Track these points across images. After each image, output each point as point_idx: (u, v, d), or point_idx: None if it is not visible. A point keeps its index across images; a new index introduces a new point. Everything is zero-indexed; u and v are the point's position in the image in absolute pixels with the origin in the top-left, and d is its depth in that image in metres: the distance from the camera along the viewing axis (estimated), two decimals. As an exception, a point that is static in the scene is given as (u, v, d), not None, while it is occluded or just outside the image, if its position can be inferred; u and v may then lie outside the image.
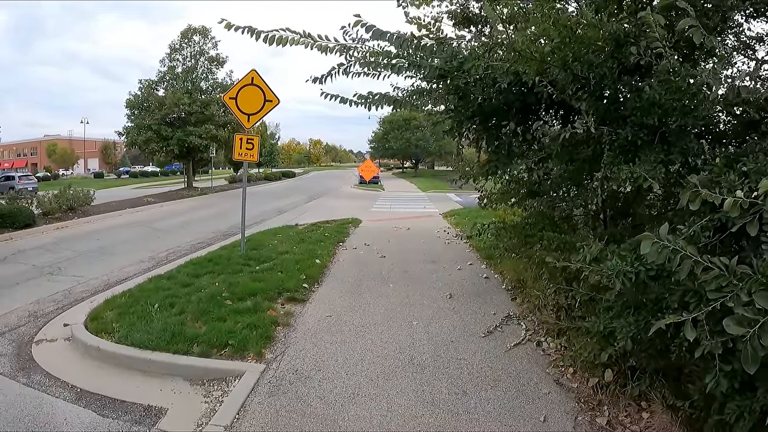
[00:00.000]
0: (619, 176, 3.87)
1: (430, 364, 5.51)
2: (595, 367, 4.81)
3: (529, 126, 5.84)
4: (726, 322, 2.57)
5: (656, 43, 3.36)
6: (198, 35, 36.41)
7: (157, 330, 6.04)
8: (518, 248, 7.57)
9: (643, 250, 2.87)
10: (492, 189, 7.67)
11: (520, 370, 5.35)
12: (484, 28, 6.88)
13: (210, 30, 36.68)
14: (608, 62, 4.31)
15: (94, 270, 10.56)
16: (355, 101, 5.80)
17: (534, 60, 4.28)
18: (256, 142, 10.82)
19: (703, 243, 3.12)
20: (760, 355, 2.47)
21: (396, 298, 7.93)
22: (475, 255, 11.51)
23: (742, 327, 2.50)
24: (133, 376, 5.39)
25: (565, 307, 6.14)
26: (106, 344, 5.90)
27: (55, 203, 18.89)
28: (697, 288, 2.92)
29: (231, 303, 7.19)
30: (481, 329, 6.52)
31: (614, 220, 6.11)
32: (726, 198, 2.79)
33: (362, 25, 4.72)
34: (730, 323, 2.55)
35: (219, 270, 9.29)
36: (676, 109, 3.84)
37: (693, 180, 2.99)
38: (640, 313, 3.67)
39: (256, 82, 10.47)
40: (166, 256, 12.33)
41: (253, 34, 4.80)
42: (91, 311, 7.08)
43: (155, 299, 7.33)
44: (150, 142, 33.70)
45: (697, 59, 4.44)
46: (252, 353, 5.64)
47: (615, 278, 3.31)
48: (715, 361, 2.84)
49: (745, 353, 2.50)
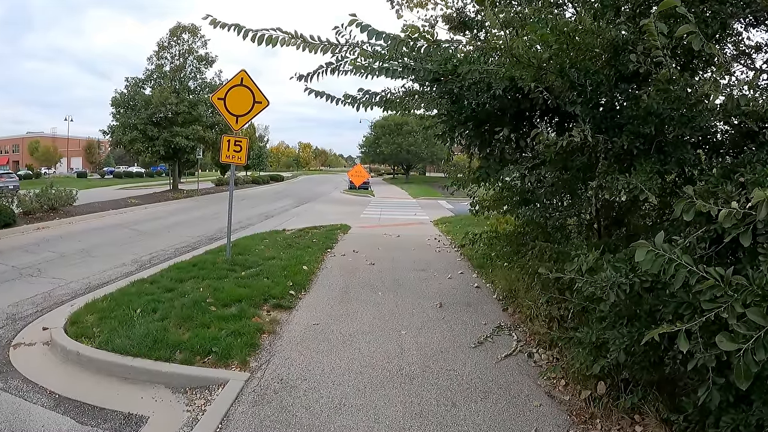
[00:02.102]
0: (615, 186, 3.89)
1: (418, 374, 5.49)
2: (588, 379, 4.81)
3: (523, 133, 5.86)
4: (719, 338, 2.58)
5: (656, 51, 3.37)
6: (187, 33, 36.34)
7: (139, 335, 5.99)
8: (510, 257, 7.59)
9: (638, 258, 2.87)
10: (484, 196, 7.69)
11: (510, 382, 5.35)
12: (480, 33, 6.91)
13: (200, 28, 36.68)
14: (605, 70, 4.34)
15: (75, 272, 10.47)
16: (344, 100, 5.79)
17: (531, 66, 4.31)
18: (245, 145, 10.77)
19: (699, 254, 3.14)
20: (753, 371, 2.47)
21: (385, 307, 7.91)
22: (466, 264, 11.53)
23: (735, 342, 2.51)
24: (114, 382, 5.34)
25: (557, 318, 6.15)
26: (86, 349, 5.84)
27: (37, 203, 18.76)
28: (691, 300, 2.94)
29: (215, 309, 7.15)
30: (471, 340, 6.52)
31: (608, 230, 6.13)
32: (721, 209, 2.80)
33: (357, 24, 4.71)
34: (723, 339, 2.56)
35: (204, 275, 9.23)
36: (674, 118, 3.86)
37: (688, 191, 3.01)
38: (633, 325, 3.69)
39: (245, 82, 10.43)
40: (149, 259, 12.25)
41: (240, 32, 4.73)
42: (71, 315, 6.99)
43: (137, 304, 7.27)
44: (135, 142, 33.56)
45: (695, 68, 4.48)
46: (236, 361, 5.61)
47: (609, 290, 3.32)
48: (709, 373, 2.86)
49: (738, 369, 2.51)
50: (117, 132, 34.11)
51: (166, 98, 32.63)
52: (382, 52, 5.18)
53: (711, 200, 2.93)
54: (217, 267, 9.94)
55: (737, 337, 2.51)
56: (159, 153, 34.78)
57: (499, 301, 8.30)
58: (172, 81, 35.22)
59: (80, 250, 13.24)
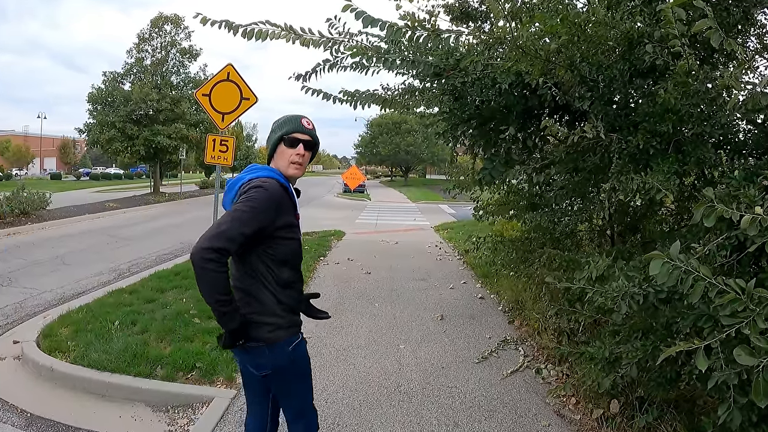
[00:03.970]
0: (629, 186, 3.88)
1: (418, 392, 5.48)
2: (600, 397, 4.81)
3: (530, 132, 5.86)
4: (737, 352, 2.56)
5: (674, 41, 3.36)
6: (170, 24, 36.34)
7: (117, 350, 5.97)
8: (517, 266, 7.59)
9: (652, 271, 2.83)
10: (489, 200, 7.68)
11: (517, 400, 5.34)
12: (484, 24, 6.91)
13: (183, 19, 36.71)
14: (619, 64, 4.32)
15: (48, 282, 10.44)
16: (341, 98, 5.80)
17: (539, 59, 4.29)
18: (231, 144, 10.72)
19: (719, 263, 3.13)
20: (773, 387, 2.46)
21: (382, 319, 7.91)
22: (469, 273, 11.54)
23: (754, 357, 2.50)
24: (90, 400, 5.31)
25: (567, 331, 6.16)
26: (61, 364, 5.82)
27: (7, 206, 18.70)
28: (711, 312, 2.92)
29: (199, 321, 7.14)
30: (474, 354, 6.52)
31: (622, 237, 6.14)
32: (744, 214, 2.79)
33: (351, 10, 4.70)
34: (741, 353, 2.55)
35: (187, 284, 9.21)
36: (693, 115, 3.85)
37: (708, 193, 2.98)
38: (648, 338, 3.67)
39: (232, 77, 10.39)
40: (128, 267, 12.24)
41: (230, 29, 4.76)
42: (44, 327, 6.98)
43: (115, 316, 7.25)
44: (113, 142, 33.50)
45: (715, 62, 4.47)
46: (222, 377, 5.59)
47: (621, 300, 3.31)
48: (730, 391, 2.84)
49: (756, 385, 2.49)
50: (94, 130, 34.01)
51: (147, 94, 32.62)
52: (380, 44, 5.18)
53: (733, 204, 2.91)
54: (202, 276, 9.88)
55: (758, 351, 2.50)
56: (139, 153, 34.70)
57: (505, 313, 8.31)
58: (153, 75, 35.21)
59: (54, 257, 13.22)
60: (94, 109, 34.39)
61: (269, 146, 3.11)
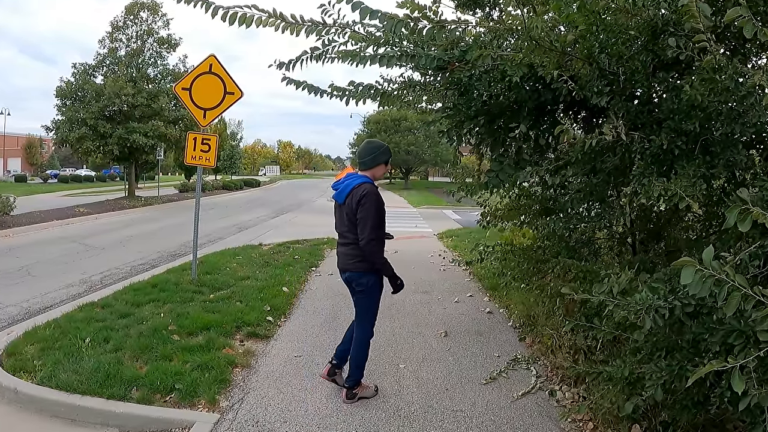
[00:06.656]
0: (651, 191, 3.87)
1: (420, 415, 5.47)
2: (620, 421, 4.79)
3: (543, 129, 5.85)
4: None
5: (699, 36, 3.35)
6: (146, 11, 36.16)
7: (89, 370, 5.95)
8: (529, 277, 7.57)
9: (684, 280, 2.78)
10: (497, 204, 7.68)
11: (529, 425, 5.34)
12: (493, 12, 6.91)
13: (161, 5, 36.56)
14: (641, 55, 4.31)
15: (12, 295, 10.43)
16: (330, 92, 5.77)
17: (553, 50, 4.29)
18: (214, 143, 10.70)
19: (751, 273, 3.12)
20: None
21: (380, 336, 7.88)
22: (476, 285, 11.54)
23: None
24: (58, 424, 5.30)
25: (584, 349, 6.14)
26: (26, 386, 5.80)
27: (-34, 212, 18.65)
28: (743, 328, 2.91)
29: (179, 338, 7.13)
30: (482, 375, 6.51)
31: (644, 245, 6.13)
32: (780, 220, 2.78)
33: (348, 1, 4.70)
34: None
35: (165, 298, 9.22)
36: (722, 113, 3.84)
37: (742, 195, 2.95)
38: (674, 357, 3.66)
39: (215, 70, 10.36)
40: (100, 279, 12.24)
41: (208, 10, 4.69)
42: (7, 345, 6.95)
43: (86, 332, 7.23)
44: (84, 140, 33.24)
45: (747, 54, 4.46)
46: (204, 400, 5.58)
47: (645, 314, 3.30)
48: (764, 415, 2.84)
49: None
50: (62, 128, 33.66)
51: (121, 88, 32.41)
52: (377, 35, 5.18)
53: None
54: (181, 288, 9.93)
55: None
56: (112, 153, 34.39)
57: (515, 329, 8.31)
58: (128, 68, 35.05)
59: (19, 268, 13.22)
60: (62, 105, 34.01)
61: (374, 162, 5.49)
